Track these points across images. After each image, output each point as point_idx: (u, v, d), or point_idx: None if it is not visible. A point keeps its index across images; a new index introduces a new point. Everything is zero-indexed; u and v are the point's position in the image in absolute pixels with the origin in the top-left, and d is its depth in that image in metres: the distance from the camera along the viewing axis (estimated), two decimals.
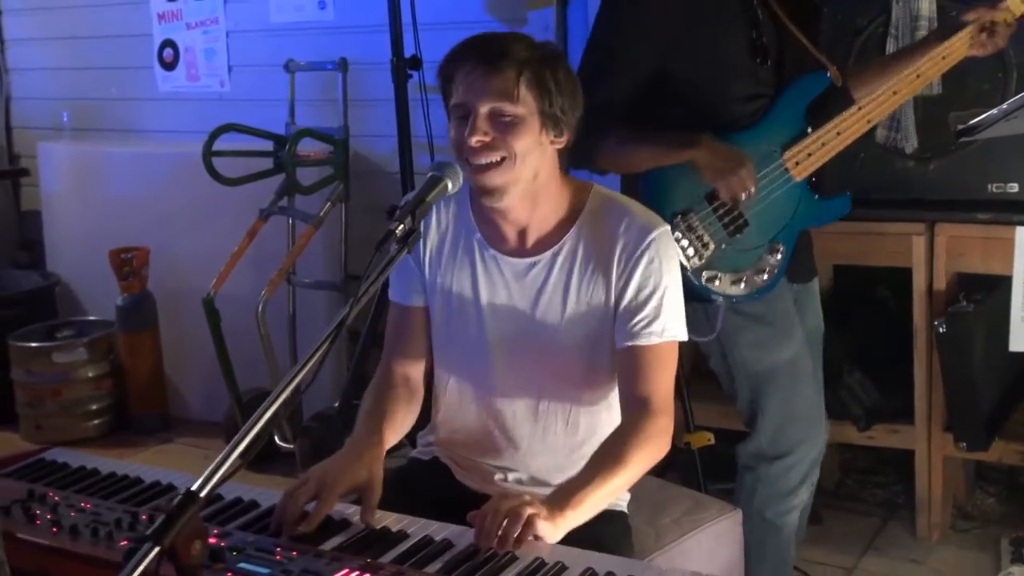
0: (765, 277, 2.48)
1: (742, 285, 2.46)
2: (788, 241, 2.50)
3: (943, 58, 2.51)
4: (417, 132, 3.70)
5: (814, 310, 2.75)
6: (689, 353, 3.43)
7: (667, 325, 1.98)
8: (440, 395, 2.16)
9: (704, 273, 2.43)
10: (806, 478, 2.66)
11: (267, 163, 3.91)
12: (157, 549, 1.30)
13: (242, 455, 1.41)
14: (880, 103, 2.47)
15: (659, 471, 2.48)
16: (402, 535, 1.70)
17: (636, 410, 1.96)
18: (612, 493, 1.88)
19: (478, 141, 1.89)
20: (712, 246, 2.43)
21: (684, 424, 3.36)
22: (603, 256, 1.98)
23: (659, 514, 2.25)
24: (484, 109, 1.89)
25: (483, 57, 1.90)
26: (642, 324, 1.97)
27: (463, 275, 2.06)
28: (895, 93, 2.48)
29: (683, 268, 2.39)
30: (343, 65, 3.96)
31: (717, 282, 2.44)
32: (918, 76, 2.49)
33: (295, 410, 4.01)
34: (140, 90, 4.99)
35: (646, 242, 1.96)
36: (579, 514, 1.77)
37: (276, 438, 3.98)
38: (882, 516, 3.47)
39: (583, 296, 2.00)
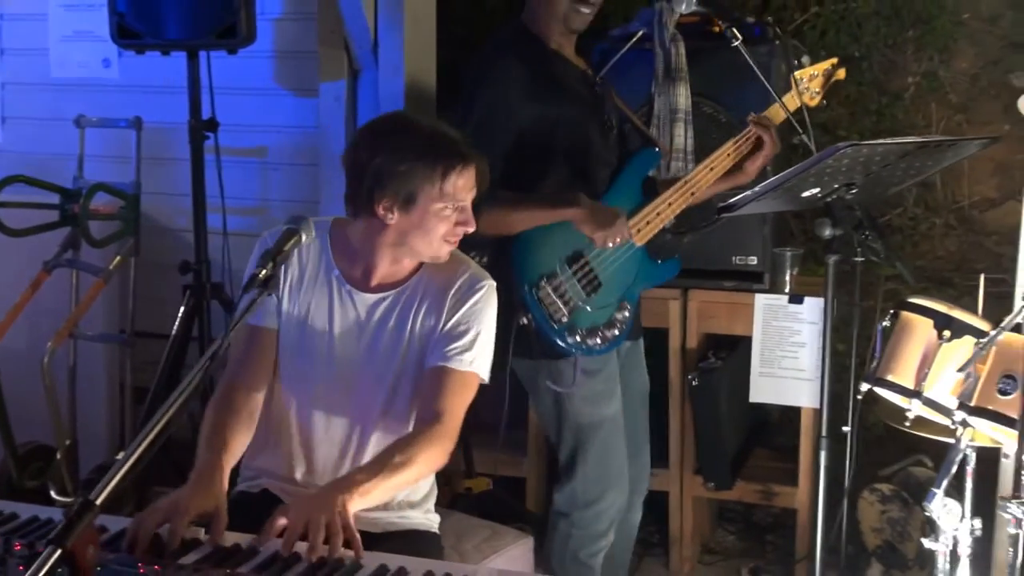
0: (616, 332, 2.82)
1: (598, 339, 2.78)
2: (632, 299, 2.87)
3: (747, 140, 2.94)
4: (209, 192, 3.83)
5: (642, 367, 3.11)
6: (472, 404, 3.70)
7: (476, 359, 2.27)
8: (279, 420, 2.32)
9: (567, 329, 2.74)
10: (612, 523, 2.97)
11: (52, 215, 3.93)
12: (59, 551, 1.43)
13: (132, 468, 1.56)
14: (700, 179, 2.88)
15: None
16: (253, 551, 1.86)
17: (430, 422, 2.21)
18: (394, 488, 2.13)
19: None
20: (572, 304, 2.74)
21: (465, 470, 3.63)
22: (440, 296, 2.29)
23: (462, 541, 2.50)
24: (466, 202, 2.25)
25: (467, 156, 2.23)
26: (456, 351, 2.25)
27: (320, 306, 2.29)
28: (711, 170, 2.89)
29: (550, 325, 2.69)
30: (137, 123, 4.04)
31: (577, 337, 2.75)
32: (728, 155, 2.92)
33: (72, 463, 3.99)
34: None
35: (476, 288, 2.30)
36: (364, 502, 2.01)
37: (53, 492, 3.94)
38: (638, 553, 3.84)
39: (420, 331, 2.28)
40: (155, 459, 3.73)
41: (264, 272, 1.86)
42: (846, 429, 3.07)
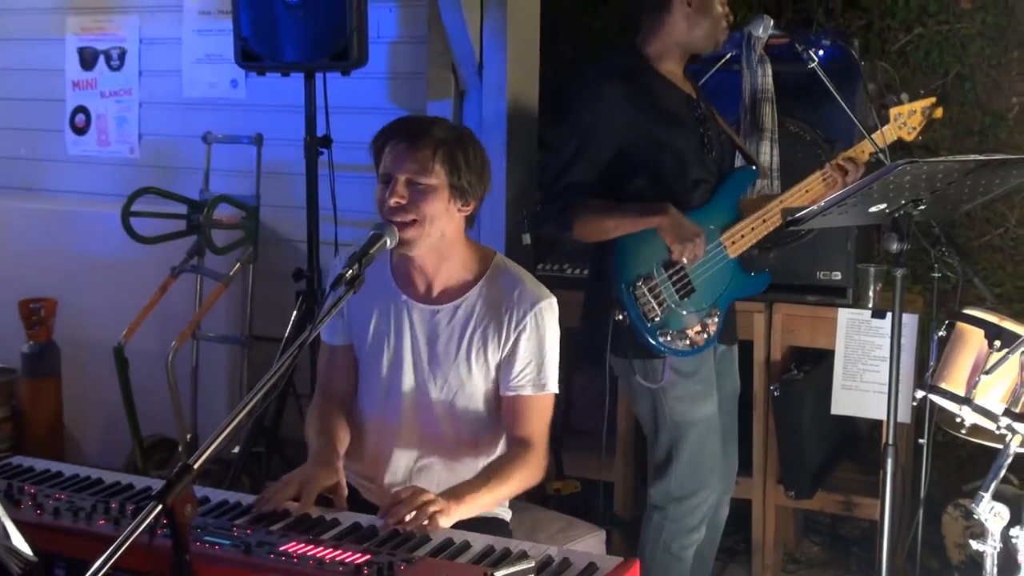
0: (705, 336, 2.97)
1: (687, 341, 2.94)
2: (723, 307, 3.02)
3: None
4: (323, 204, 4.08)
5: (734, 371, 3.26)
6: (562, 408, 3.86)
7: (547, 381, 2.44)
8: (360, 427, 2.53)
9: (658, 329, 2.90)
10: (704, 518, 3.12)
11: (180, 225, 4.24)
12: (160, 507, 1.65)
13: (228, 438, 1.77)
14: (796, 198, 3.02)
15: None
16: (335, 522, 2.07)
17: (518, 446, 2.41)
18: (493, 501, 2.34)
19: (395, 202, 2.33)
20: (666, 306, 2.91)
21: (555, 472, 3.79)
22: (496, 316, 2.42)
23: (537, 530, 2.65)
24: (403, 177, 2.34)
25: (406, 135, 2.36)
26: (527, 378, 2.42)
27: (380, 318, 2.48)
28: (807, 191, 3.02)
29: (644, 323, 2.86)
30: (258, 140, 4.33)
31: (668, 338, 2.91)
32: (823, 181, 3.02)
33: (189, 453, 4.27)
34: (49, 151, 5.24)
35: (533, 311, 2.41)
36: (467, 509, 2.21)
37: None
38: (723, 560, 3.94)
39: (474, 346, 2.43)
40: (269, 455, 4.00)
41: (350, 272, 2.05)
42: (922, 441, 3.15)
